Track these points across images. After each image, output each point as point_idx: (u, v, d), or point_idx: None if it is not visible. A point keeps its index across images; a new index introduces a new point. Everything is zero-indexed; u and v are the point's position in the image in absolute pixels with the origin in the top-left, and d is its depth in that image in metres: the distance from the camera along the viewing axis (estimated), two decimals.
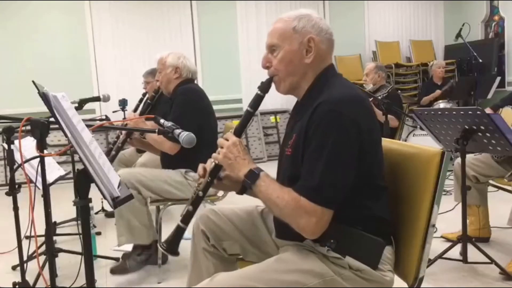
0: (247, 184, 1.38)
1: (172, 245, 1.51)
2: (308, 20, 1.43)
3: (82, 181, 1.27)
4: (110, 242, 3.34)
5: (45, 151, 1.63)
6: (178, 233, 1.51)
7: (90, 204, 1.31)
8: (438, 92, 5.93)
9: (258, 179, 1.35)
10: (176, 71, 2.81)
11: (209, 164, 1.52)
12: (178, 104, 2.69)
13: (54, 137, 5.90)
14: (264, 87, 1.48)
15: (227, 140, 1.44)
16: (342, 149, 1.28)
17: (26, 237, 2.21)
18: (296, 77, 1.45)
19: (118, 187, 1.30)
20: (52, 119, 1.37)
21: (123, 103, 4.58)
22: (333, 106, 1.29)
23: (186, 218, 1.51)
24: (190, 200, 1.52)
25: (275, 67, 1.46)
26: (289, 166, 1.42)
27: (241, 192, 1.63)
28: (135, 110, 3.88)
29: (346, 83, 1.45)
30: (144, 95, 4.00)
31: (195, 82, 2.95)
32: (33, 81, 1.43)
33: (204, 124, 2.68)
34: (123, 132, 2.91)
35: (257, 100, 1.49)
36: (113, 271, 2.67)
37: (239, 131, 1.49)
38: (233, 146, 1.42)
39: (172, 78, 2.81)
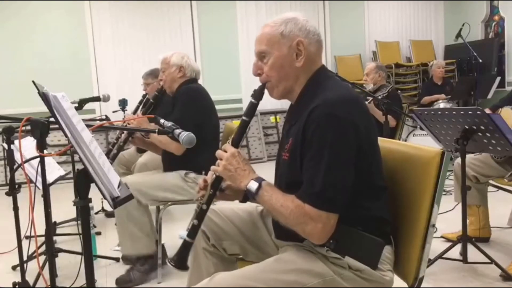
0: (250, 195, 1.38)
1: (181, 260, 1.50)
2: (295, 24, 1.43)
3: (82, 181, 1.26)
4: (110, 242, 3.34)
5: (45, 151, 1.63)
6: (186, 248, 1.50)
7: (90, 204, 1.31)
8: (442, 96, 5.93)
9: (260, 189, 1.35)
10: (180, 70, 2.81)
11: (210, 176, 1.52)
12: (181, 104, 2.69)
13: (54, 137, 5.90)
14: (257, 95, 1.48)
15: (225, 151, 1.44)
16: (341, 151, 1.27)
17: (26, 237, 2.21)
18: (289, 81, 1.45)
19: (118, 187, 1.30)
20: (52, 119, 1.36)
21: (123, 103, 4.58)
22: (329, 109, 1.29)
23: (192, 232, 1.50)
24: (195, 214, 1.52)
25: (267, 73, 1.46)
26: (286, 171, 1.42)
27: (244, 200, 1.64)
28: (135, 112, 3.87)
29: (340, 84, 1.45)
30: (144, 96, 3.99)
31: (198, 82, 2.95)
32: (33, 81, 1.42)
33: (206, 124, 2.68)
34: (125, 131, 2.91)
35: (251, 108, 1.49)
36: (118, 283, 2.65)
37: (237, 142, 1.48)
38: (232, 158, 1.41)
39: (176, 77, 2.81)
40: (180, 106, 2.68)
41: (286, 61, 1.42)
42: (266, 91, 1.50)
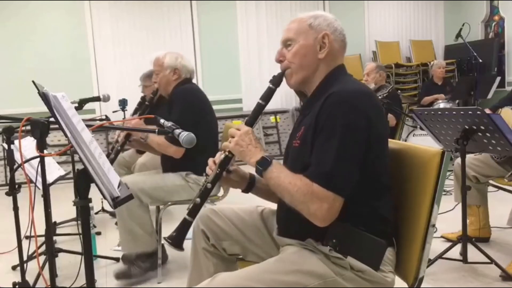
0: (258, 171, 1.38)
1: (178, 238, 1.48)
2: (324, 19, 1.49)
3: (82, 181, 1.26)
4: (110, 242, 3.35)
5: (45, 151, 1.63)
6: (184, 227, 1.49)
7: (90, 204, 1.31)
8: (442, 96, 5.93)
9: (270, 166, 1.36)
10: (175, 73, 2.75)
11: (218, 156, 1.52)
12: (178, 106, 2.66)
13: (54, 137, 5.89)
14: (276, 81, 1.51)
15: (238, 130, 1.45)
16: (353, 137, 1.29)
17: (26, 237, 2.21)
18: (308, 71, 1.48)
19: (118, 187, 1.30)
20: (52, 119, 1.36)
21: (123, 103, 4.58)
22: (345, 97, 1.32)
23: (193, 211, 1.50)
24: (198, 192, 1.51)
25: (289, 59, 1.49)
26: (296, 157, 1.43)
27: (246, 190, 1.64)
28: (133, 114, 3.85)
29: (356, 81, 1.49)
30: (143, 99, 3.96)
31: (195, 81, 2.92)
32: (33, 81, 1.42)
33: (204, 124, 2.66)
34: (121, 134, 2.89)
35: (269, 93, 1.51)
36: (118, 276, 2.65)
37: (251, 122, 1.50)
38: (245, 135, 1.43)
39: (171, 79, 2.76)
40: (177, 108, 2.66)
41: (309, 50, 1.46)
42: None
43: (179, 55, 2.82)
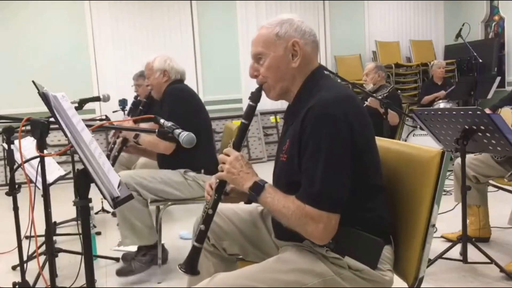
0: (252, 197, 1.38)
1: (191, 266, 1.50)
2: (290, 25, 1.44)
3: (82, 181, 1.26)
4: (110, 242, 3.35)
5: (45, 151, 1.63)
6: (195, 253, 1.50)
7: (90, 204, 1.31)
8: (442, 93, 5.92)
9: (263, 191, 1.36)
10: (165, 75, 2.84)
11: (214, 181, 1.52)
12: (167, 105, 2.72)
13: (54, 137, 5.90)
14: (255, 97, 1.49)
15: (228, 155, 1.44)
16: (338, 151, 1.28)
17: (26, 237, 2.21)
18: (285, 82, 1.45)
19: (118, 187, 1.30)
20: (52, 119, 1.36)
21: (123, 103, 4.59)
22: (324, 109, 1.29)
23: (200, 237, 1.50)
24: (201, 219, 1.52)
25: (263, 74, 1.46)
26: (285, 172, 1.42)
27: (249, 202, 1.64)
28: (129, 114, 3.88)
29: (335, 84, 1.45)
30: (136, 98, 3.99)
31: (185, 82, 2.97)
32: (33, 81, 1.42)
33: (194, 122, 2.66)
34: (118, 140, 2.93)
35: (250, 111, 1.49)
36: (119, 273, 2.66)
37: (238, 145, 1.49)
38: (236, 161, 1.42)
39: (162, 81, 2.85)
40: (168, 105, 2.71)
41: (282, 61, 1.43)
42: (263, 93, 1.50)
43: (168, 57, 2.89)
